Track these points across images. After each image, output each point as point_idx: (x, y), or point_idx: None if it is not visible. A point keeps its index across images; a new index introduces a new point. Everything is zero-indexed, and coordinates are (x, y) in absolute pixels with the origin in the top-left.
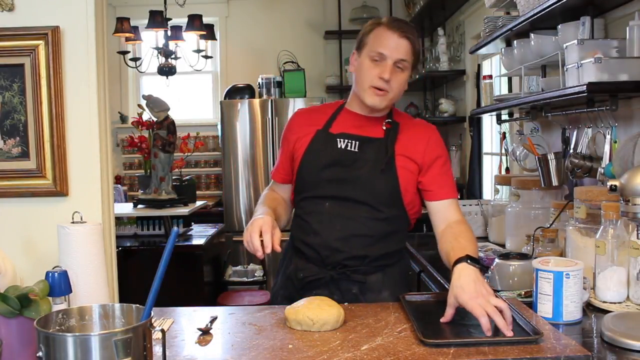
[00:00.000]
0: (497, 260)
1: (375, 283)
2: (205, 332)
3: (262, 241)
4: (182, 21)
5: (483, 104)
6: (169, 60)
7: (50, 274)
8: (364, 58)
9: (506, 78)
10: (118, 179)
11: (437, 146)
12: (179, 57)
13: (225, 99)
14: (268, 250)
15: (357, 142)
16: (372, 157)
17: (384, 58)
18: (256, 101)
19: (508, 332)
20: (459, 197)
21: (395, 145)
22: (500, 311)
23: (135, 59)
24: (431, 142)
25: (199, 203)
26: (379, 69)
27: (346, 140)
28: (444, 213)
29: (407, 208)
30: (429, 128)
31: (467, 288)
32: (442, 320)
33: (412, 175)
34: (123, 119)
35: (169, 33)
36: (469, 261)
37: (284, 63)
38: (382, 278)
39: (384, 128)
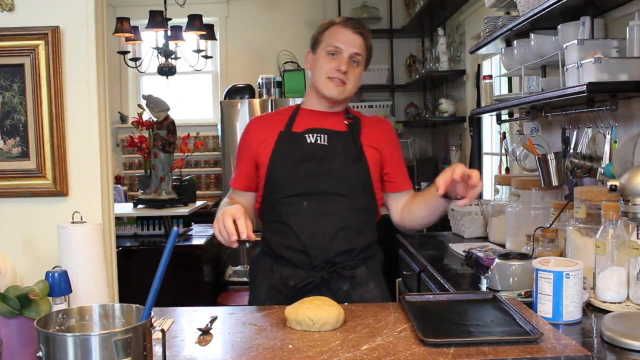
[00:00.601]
0: (497, 260)
1: (362, 276)
2: (205, 332)
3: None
4: (182, 21)
5: (483, 104)
6: (169, 60)
7: (50, 274)
8: (320, 53)
9: (506, 78)
10: (118, 179)
11: (395, 138)
12: (179, 57)
13: (225, 99)
14: (244, 235)
15: (326, 136)
16: (342, 149)
17: (340, 51)
18: (256, 101)
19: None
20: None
21: (361, 137)
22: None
23: (135, 59)
24: (390, 134)
25: (199, 203)
26: (335, 62)
27: (315, 135)
28: (403, 200)
29: (376, 196)
30: (385, 121)
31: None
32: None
33: (378, 165)
34: (123, 119)
35: (169, 33)
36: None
37: (284, 63)
38: (366, 270)
39: (346, 122)
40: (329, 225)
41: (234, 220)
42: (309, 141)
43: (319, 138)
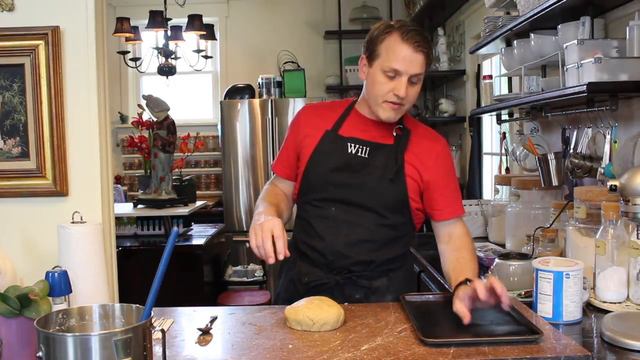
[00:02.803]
0: (497, 260)
1: (380, 288)
2: (205, 332)
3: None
4: (182, 21)
5: (483, 104)
6: (169, 60)
7: (50, 274)
8: (377, 70)
9: (506, 78)
10: (118, 179)
11: (446, 162)
12: (179, 57)
13: (225, 99)
14: (281, 257)
15: (368, 148)
16: (381, 163)
17: (399, 74)
18: (256, 101)
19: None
20: (464, 213)
21: (405, 154)
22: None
23: (135, 59)
24: (440, 158)
25: (199, 203)
26: (393, 84)
27: (357, 145)
28: (449, 230)
29: (412, 215)
30: (439, 142)
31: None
32: (465, 322)
33: (418, 186)
34: (123, 119)
35: (169, 33)
36: (467, 283)
37: (284, 63)
38: (387, 282)
39: (395, 134)
40: (351, 235)
41: (273, 239)
42: (349, 150)
43: (360, 150)
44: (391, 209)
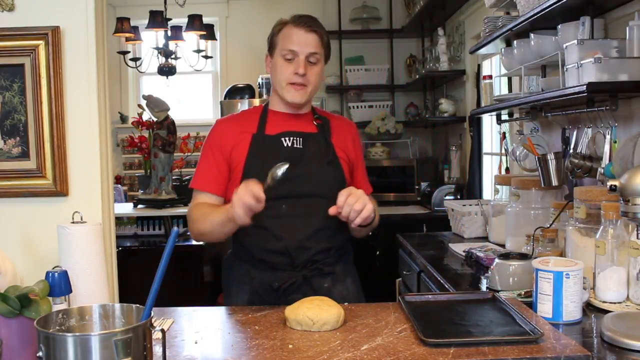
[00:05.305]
0: (497, 260)
1: (340, 273)
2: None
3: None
4: (182, 21)
5: (483, 104)
6: (169, 60)
7: (50, 274)
8: (277, 57)
9: (506, 78)
10: (118, 179)
11: (360, 142)
12: (179, 57)
13: (225, 99)
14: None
15: (301, 138)
16: (316, 150)
17: (296, 54)
18: (256, 101)
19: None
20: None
21: (331, 139)
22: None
23: (135, 59)
24: (356, 139)
25: None
26: (293, 65)
27: (291, 138)
28: None
29: None
30: (351, 125)
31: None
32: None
33: (349, 168)
34: (123, 119)
35: (169, 33)
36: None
37: None
38: (343, 267)
39: (316, 124)
40: (308, 226)
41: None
42: (285, 145)
43: (295, 141)
44: (336, 192)
